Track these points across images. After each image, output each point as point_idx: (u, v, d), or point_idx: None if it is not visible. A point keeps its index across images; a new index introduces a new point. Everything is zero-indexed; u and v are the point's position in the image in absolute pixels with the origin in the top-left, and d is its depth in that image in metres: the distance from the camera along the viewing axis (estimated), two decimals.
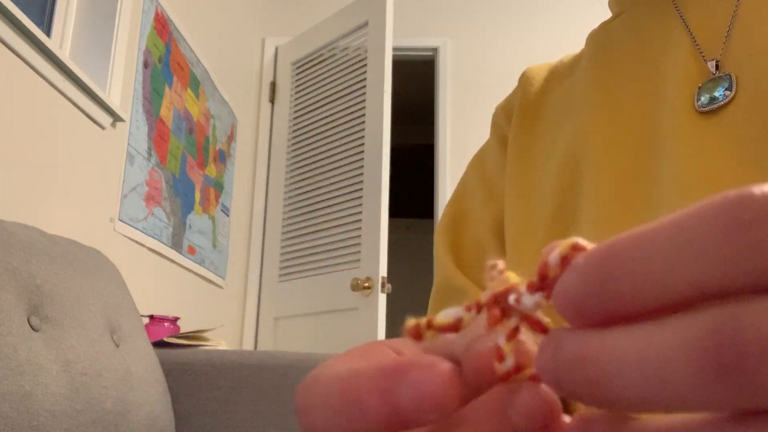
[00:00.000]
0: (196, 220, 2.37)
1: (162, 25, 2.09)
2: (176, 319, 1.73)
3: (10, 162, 1.33)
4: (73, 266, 1.09)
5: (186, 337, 1.57)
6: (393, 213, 2.92)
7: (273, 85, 3.16)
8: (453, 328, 0.16)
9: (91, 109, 1.64)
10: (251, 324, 2.86)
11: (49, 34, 1.70)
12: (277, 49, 3.20)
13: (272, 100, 3.14)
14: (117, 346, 1.13)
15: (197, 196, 2.39)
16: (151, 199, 1.99)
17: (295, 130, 2.99)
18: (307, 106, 2.97)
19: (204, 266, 2.44)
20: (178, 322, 1.75)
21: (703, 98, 0.39)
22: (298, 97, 3.03)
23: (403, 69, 3.55)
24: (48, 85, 1.47)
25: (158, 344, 1.50)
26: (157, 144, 2.04)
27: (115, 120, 1.77)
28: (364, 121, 2.66)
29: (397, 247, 5.04)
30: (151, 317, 1.69)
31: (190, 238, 2.31)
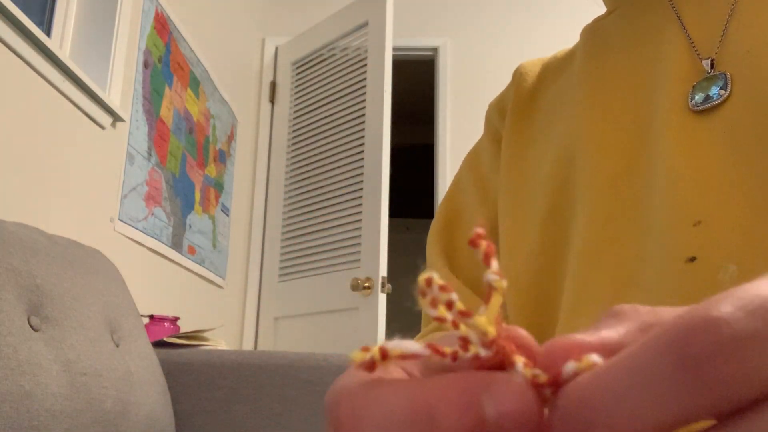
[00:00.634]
0: (196, 220, 2.37)
1: (162, 25, 2.09)
2: (176, 319, 1.73)
3: (10, 162, 1.33)
4: (73, 266, 1.09)
5: (186, 337, 1.57)
6: (393, 213, 2.91)
7: (273, 85, 3.16)
8: (412, 357, 0.16)
9: (91, 109, 1.64)
10: (251, 324, 2.86)
11: (49, 34, 1.70)
12: (277, 49, 3.20)
13: (272, 100, 3.14)
14: (117, 346, 1.13)
15: (197, 196, 2.39)
16: (151, 199, 1.99)
17: (295, 130, 2.99)
18: (307, 106, 2.97)
19: (204, 266, 2.44)
20: (178, 322, 1.75)
21: (697, 97, 0.38)
22: (298, 97, 3.03)
23: (403, 69, 3.55)
24: (48, 85, 1.47)
25: (158, 344, 1.50)
26: (157, 144, 2.04)
27: (115, 120, 1.77)
28: (364, 121, 2.66)
29: (397, 247, 5.04)
30: (151, 317, 1.69)
31: (190, 238, 2.31)
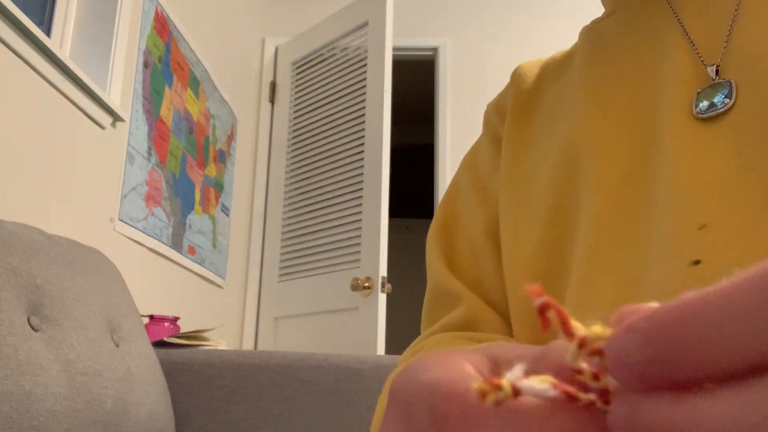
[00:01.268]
0: (196, 220, 2.37)
1: (162, 25, 2.09)
2: (176, 319, 1.73)
3: (10, 162, 1.33)
4: (73, 266, 1.09)
5: (186, 337, 1.57)
6: (393, 213, 2.92)
7: (273, 85, 3.16)
8: (515, 394, 0.16)
9: (91, 109, 1.64)
10: (251, 324, 2.86)
11: (49, 34, 1.70)
12: (277, 49, 3.20)
13: (272, 100, 3.14)
14: (117, 346, 1.13)
15: (197, 196, 2.39)
16: (151, 199, 1.99)
17: (295, 130, 2.99)
18: (307, 106, 2.97)
19: (204, 266, 2.44)
20: (178, 322, 1.75)
21: (701, 104, 0.38)
22: (298, 97, 3.03)
23: (403, 69, 3.55)
24: (48, 85, 1.47)
25: (158, 344, 1.50)
26: (157, 144, 2.04)
27: (115, 120, 1.77)
28: (364, 121, 2.66)
29: (397, 247, 5.04)
30: (151, 317, 1.69)
31: (190, 238, 2.31)
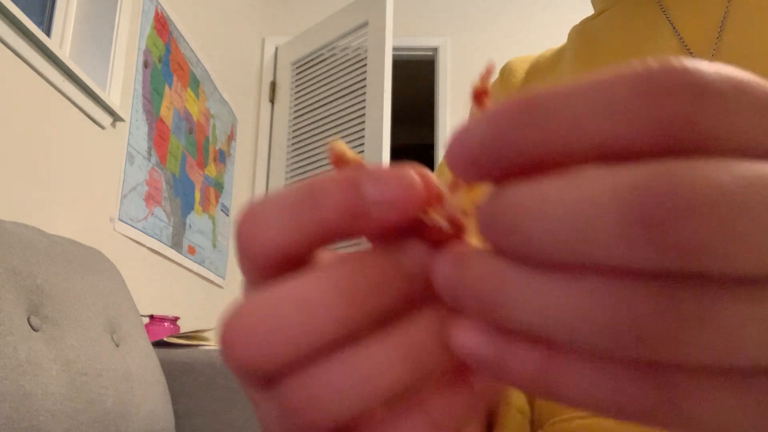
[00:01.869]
0: (196, 219, 2.37)
1: (162, 25, 2.09)
2: (176, 319, 1.73)
3: (10, 162, 1.33)
4: (73, 266, 1.09)
5: (186, 337, 1.57)
6: None
7: (273, 85, 3.16)
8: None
9: (91, 109, 1.64)
10: None
11: (49, 34, 1.70)
12: (277, 49, 3.20)
13: (272, 100, 3.14)
14: (117, 346, 1.13)
15: (197, 196, 2.38)
16: (151, 199, 1.99)
17: (295, 130, 2.99)
18: (307, 105, 2.97)
19: (204, 266, 2.44)
20: (178, 322, 1.75)
21: None
22: (298, 97, 3.03)
23: (403, 69, 3.55)
24: (48, 85, 1.47)
25: (158, 344, 1.49)
26: (157, 144, 2.03)
27: (115, 120, 1.77)
28: (364, 121, 2.66)
29: None
30: (151, 317, 1.69)
31: (190, 237, 2.31)
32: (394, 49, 2.88)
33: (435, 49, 3.23)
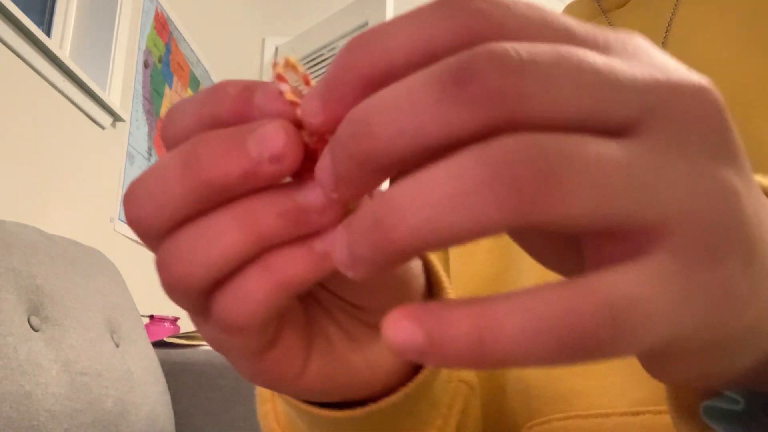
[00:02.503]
0: None
1: (162, 25, 2.09)
2: (176, 319, 1.73)
3: (10, 162, 1.33)
4: (73, 266, 1.09)
5: (186, 337, 1.57)
6: None
7: None
8: (305, 80, 0.18)
9: (91, 109, 1.64)
10: None
11: (49, 34, 1.70)
12: (277, 49, 3.20)
13: None
14: (117, 346, 1.13)
15: None
16: None
17: None
18: None
19: None
20: (178, 322, 1.75)
21: None
22: None
23: None
24: (48, 85, 1.47)
25: (158, 344, 1.49)
26: (158, 144, 2.04)
27: (115, 120, 1.77)
28: None
29: None
30: (151, 317, 1.69)
31: None
32: None
33: None
